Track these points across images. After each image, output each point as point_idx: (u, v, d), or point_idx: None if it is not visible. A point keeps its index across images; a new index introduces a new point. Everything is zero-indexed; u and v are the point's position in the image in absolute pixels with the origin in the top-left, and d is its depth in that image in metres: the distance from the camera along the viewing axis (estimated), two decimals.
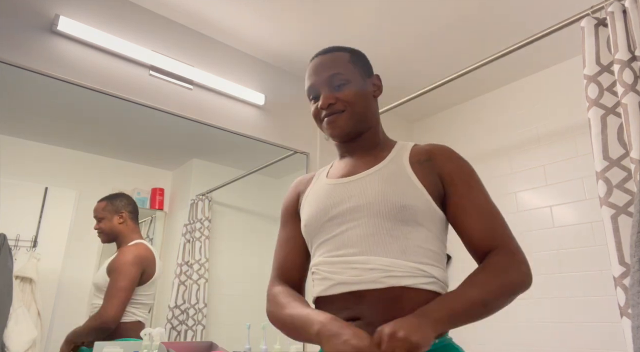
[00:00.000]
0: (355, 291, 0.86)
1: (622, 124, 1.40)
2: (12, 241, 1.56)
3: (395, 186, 0.91)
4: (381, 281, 0.85)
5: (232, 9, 2.14)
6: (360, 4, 2.09)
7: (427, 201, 0.91)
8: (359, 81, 1.03)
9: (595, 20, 1.55)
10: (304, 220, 1.01)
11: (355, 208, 0.92)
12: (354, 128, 1.00)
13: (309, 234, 1.00)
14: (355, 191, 0.95)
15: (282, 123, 2.53)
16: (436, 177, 0.94)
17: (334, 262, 0.91)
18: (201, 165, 2.17)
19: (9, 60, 1.68)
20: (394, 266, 0.86)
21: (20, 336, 1.47)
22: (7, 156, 1.62)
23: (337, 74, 1.00)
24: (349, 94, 0.99)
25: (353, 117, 0.99)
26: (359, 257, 0.88)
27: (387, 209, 0.89)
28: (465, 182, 0.93)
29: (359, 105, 1.00)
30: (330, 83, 1.00)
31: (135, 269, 1.73)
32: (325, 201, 0.97)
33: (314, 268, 0.96)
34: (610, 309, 2.01)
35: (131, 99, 1.97)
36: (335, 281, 0.89)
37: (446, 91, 2.77)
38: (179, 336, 1.89)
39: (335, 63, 1.02)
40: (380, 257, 0.87)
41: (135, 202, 1.84)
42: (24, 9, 1.77)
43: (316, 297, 0.95)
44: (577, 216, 2.26)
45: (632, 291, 0.95)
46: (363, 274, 0.86)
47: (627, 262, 1.28)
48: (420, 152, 0.99)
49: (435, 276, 0.87)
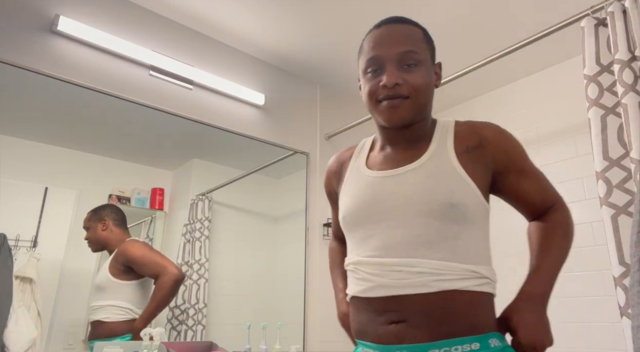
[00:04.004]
0: (399, 295, 0.81)
1: (622, 124, 1.40)
2: (12, 241, 1.56)
3: (443, 183, 0.84)
4: (430, 285, 0.79)
5: (232, 9, 2.14)
6: (361, 4, 2.09)
7: (477, 196, 0.85)
8: (429, 66, 0.92)
9: (595, 20, 1.55)
10: (341, 212, 0.95)
11: (398, 206, 0.85)
12: (412, 119, 0.90)
13: (346, 227, 0.94)
14: (398, 187, 0.87)
15: (282, 123, 2.53)
16: (486, 165, 0.88)
17: (374, 263, 0.85)
18: (201, 166, 2.17)
19: (9, 60, 1.68)
20: (445, 268, 0.80)
21: (20, 336, 1.47)
22: (7, 156, 1.62)
23: (410, 51, 0.88)
24: (418, 78, 0.87)
25: (415, 106, 0.88)
26: (404, 259, 0.82)
27: (435, 208, 0.82)
28: (519, 160, 0.92)
29: (424, 94, 0.89)
30: (400, 60, 0.87)
31: (148, 247, 1.86)
32: (365, 195, 0.90)
33: (351, 266, 0.91)
34: (610, 309, 2.01)
35: (131, 99, 1.96)
36: (376, 284, 0.83)
37: (446, 91, 2.76)
38: (179, 336, 1.89)
39: (410, 38, 0.90)
40: (429, 259, 0.81)
41: (120, 211, 1.84)
42: (24, 9, 1.77)
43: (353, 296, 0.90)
44: (577, 216, 2.25)
45: (632, 291, 0.96)
46: (409, 277, 0.80)
47: (627, 262, 1.28)
48: (467, 136, 0.90)
49: (487, 276, 0.83)
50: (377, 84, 0.88)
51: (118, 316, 1.70)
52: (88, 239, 1.75)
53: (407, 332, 0.79)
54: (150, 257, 1.79)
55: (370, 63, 0.90)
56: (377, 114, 0.91)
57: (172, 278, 1.74)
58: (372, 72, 0.90)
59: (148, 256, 1.79)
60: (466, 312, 0.79)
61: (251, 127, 2.37)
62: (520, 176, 0.91)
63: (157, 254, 1.83)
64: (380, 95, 0.88)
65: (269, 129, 2.45)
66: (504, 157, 0.89)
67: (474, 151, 0.88)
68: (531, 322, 0.82)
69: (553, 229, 0.92)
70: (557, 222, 0.92)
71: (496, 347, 0.80)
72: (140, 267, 1.76)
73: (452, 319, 0.79)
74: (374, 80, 0.90)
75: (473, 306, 0.80)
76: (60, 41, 1.84)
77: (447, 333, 0.78)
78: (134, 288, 1.76)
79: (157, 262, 1.77)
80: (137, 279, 1.77)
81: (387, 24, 0.92)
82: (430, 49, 0.94)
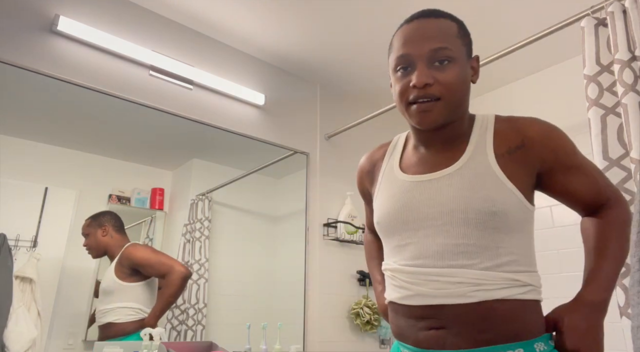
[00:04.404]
0: (438, 305, 0.79)
1: (622, 124, 1.40)
2: (12, 241, 1.56)
3: (482, 190, 0.79)
4: (470, 296, 0.77)
5: (232, 9, 2.14)
6: (361, 5, 2.09)
7: (519, 201, 0.80)
8: (464, 62, 0.85)
9: (595, 20, 1.55)
10: (376, 216, 0.92)
11: (434, 214, 0.82)
12: (445, 120, 0.84)
13: (382, 232, 0.92)
14: (434, 193, 0.83)
15: (282, 123, 2.53)
16: (531, 166, 0.83)
17: (412, 272, 0.82)
18: (201, 166, 2.17)
19: (9, 60, 1.68)
20: (485, 278, 0.77)
21: (20, 336, 1.47)
22: (7, 156, 1.62)
23: (442, 48, 0.82)
24: (451, 77, 0.82)
25: (448, 107, 0.83)
26: (442, 269, 0.79)
27: (474, 217, 0.79)
28: (567, 158, 0.85)
29: (458, 93, 0.83)
30: (431, 57, 0.82)
31: (151, 248, 1.89)
32: (400, 201, 0.87)
33: (389, 272, 0.89)
34: (610, 309, 2.01)
35: (131, 99, 1.96)
36: (414, 292, 0.81)
37: None
38: (179, 336, 1.89)
39: (442, 34, 0.84)
40: (468, 269, 0.78)
41: (118, 217, 1.85)
42: (24, 9, 1.77)
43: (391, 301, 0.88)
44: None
45: (632, 291, 0.95)
46: (448, 287, 0.78)
47: (627, 262, 1.28)
48: (508, 136, 0.84)
49: (531, 284, 0.80)
50: (407, 84, 0.83)
51: (128, 317, 1.72)
52: (88, 246, 1.75)
53: (447, 338, 0.79)
54: (156, 258, 1.82)
55: (399, 61, 0.85)
56: (409, 116, 0.86)
57: (181, 275, 1.79)
58: (402, 70, 0.85)
59: (154, 257, 1.82)
60: (509, 320, 0.77)
61: (251, 127, 2.37)
62: (568, 173, 0.85)
63: (161, 254, 1.87)
64: (410, 96, 0.83)
65: (269, 129, 2.45)
66: (551, 157, 0.83)
67: (516, 152, 0.83)
68: (582, 328, 0.79)
69: (609, 228, 0.87)
70: (613, 221, 0.87)
71: (542, 351, 0.77)
72: (147, 268, 1.79)
73: (494, 327, 0.76)
74: (404, 79, 0.84)
75: (516, 314, 0.77)
76: (60, 41, 1.84)
77: (488, 341, 0.76)
78: (141, 289, 1.78)
79: (163, 262, 1.81)
80: (143, 280, 1.79)
81: (418, 19, 0.86)
82: (466, 43, 0.88)
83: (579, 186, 0.86)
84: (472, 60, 0.90)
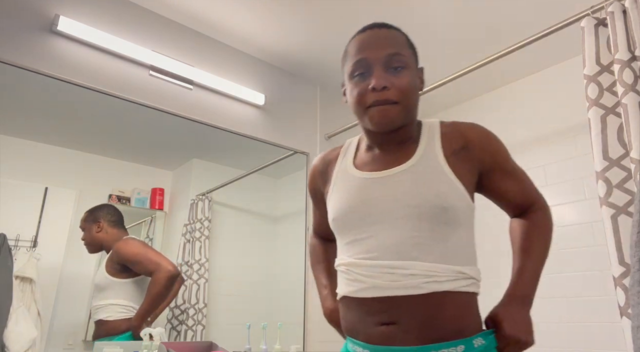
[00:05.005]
0: (390, 296, 0.82)
1: (622, 124, 1.40)
2: (12, 241, 1.56)
3: (434, 186, 0.86)
4: (421, 287, 0.81)
5: (232, 9, 2.14)
6: (360, 5, 2.09)
7: (465, 198, 0.87)
8: (414, 71, 0.92)
9: (595, 20, 1.55)
10: (331, 213, 0.95)
11: (390, 209, 0.86)
12: (401, 123, 0.90)
13: (337, 229, 0.95)
14: (390, 189, 0.88)
15: (282, 123, 2.53)
16: (472, 166, 0.91)
17: (367, 265, 0.86)
18: (201, 165, 2.17)
19: (9, 60, 1.68)
20: (437, 270, 0.82)
21: (20, 336, 1.47)
22: (7, 156, 1.62)
23: (397, 53, 0.88)
24: (405, 82, 0.87)
25: (404, 110, 0.88)
26: (396, 261, 0.83)
27: (426, 211, 0.84)
28: (503, 161, 0.95)
29: (412, 98, 0.90)
30: (387, 62, 0.88)
31: (143, 244, 1.84)
32: (356, 196, 0.91)
33: (343, 267, 0.91)
34: (610, 309, 2.01)
35: (131, 99, 1.96)
36: (369, 285, 0.84)
37: (446, 91, 2.76)
38: (179, 336, 1.89)
39: (396, 42, 0.90)
40: (421, 262, 0.82)
41: (117, 210, 1.83)
42: (24, 9, 1.77)
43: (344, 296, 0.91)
44: (577, 216, 2.25)
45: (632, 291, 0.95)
46: (402, 279, 0.82)
47: (627, 262, 1.28)
48: (453, 138, 0.92)
49: (473, 277, 0.86)
50: (366, 87, 0.87)
51: (119, 314, 1.71)
52: (84, 240, 1.74)
53: (397, 334, 0.82)
54: (145, 254, 1.77)
55: (357, 66, 0.90)
56: (367, 118, 0.89)
57: (166, 275, 1.73)
58: (360, 75, 0.89)
59: (142, 253, 1.78)
60: (454, 317, 0.82)
61: (251, 127, 2.37)
62: (503, 176, 0.94)
63: (151, 251, 1.82)
64: (369, 99, 0.87)
65: (269, 129, 2.45)
66: (489, 159, 0.92)
67: (461, 152, 0.90)
68: (517, 318, 0.87)
69: (533, 229, 0.97)
70: (537, 222, 0.97)
71: (480, 346, 0.83)
72: (134, 265, 1.76)
73: (441, 324, 0.81)
74: (362, 83, 0.89)
75: (460, 309, 0.83)
76: (60, 41, 1.84)
77: (435, 338, 0.81)
78: (132, 286, 1.76)
79: (150, 260, 1.76)
80: (134, 277, 1.77)
81: (372, 29, 0.93)
82: (414, 54, 0.95)
83: (511, 188, 0.96)
84: (419, 71, 0.98)
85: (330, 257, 1.10)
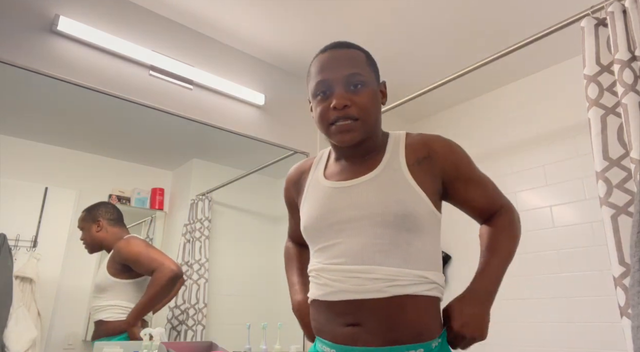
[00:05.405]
0: (356, 300, 0.86)
1: (622, 124, 1.40)
2: (12, 241, 1.56)
3: (396, 194, 0.90)
4: (384, 291, 0.85)
5: (232, 9, 2.14)
6: (360, 5, 2.09)
7: (427, 205, 0.91)
8: (374, 86, 0.97)
9: (595, 20, 1.55)
10: (303, 221, 1.00)
11: (355, 217, 0.91)
12: (363, 137, 0.94)
13: (307, 237, 1.00)
14: (355, 198, 0.92)
15: (282, 123, 2.53)
16: (436, 175, 0.95)
17: (335, 270, 0.90)
18: (201, 165, 2.17)
19: (9, 60, 1.68)
20: (398, 275, 0.86)
21: (20, 336, 1.47)
22: (7, 156, 1.62)
23: (356, 73, 0.93)
24: (365, 99, 0.93)
25: (365, 126, 0.93)
26: (361, 266, 0.87)
27: (389, 219, 0.88)
28: (466, 170, 0.98)
29: (372, 113, 0.94)
30: (347, 82, 0.93)
31: (146, 243, 1.82)
32: (325, 206, 0.96)
33: (314, 272, 0.96)
34: (610, 309, 2.01)
35: (131, 99, 1.96)
36: (336, 289, 0.89)
37: (446, 91, 2.76)
38: (179, 336, 1.89)
39: (354, 61, 0.95)
40: (384, 266, 0.86)
41: (115, 208, 1.81)
42: (24, 9, 1.77)
43: (314, 299, 0.96)
44: (577, 216, 2.25)
45: (632, 291, 0.95)
46: (366, 283, 0.86)
47: (627, 262, 1.28)
48: (417, 149, 0.96)
49: (436, 282, 0.89)
50: (328, 106, 0.92)
51: (119, 315, 1.70)
52: (83, 241, 1.73)
53: (361, 335, 0.86)
54: (147, 254, 1.75)
55: (318, 87, 0.95)
56: (331, 135, 0.95)
57: (169, 274, 1.70)
58: (322, 95, 0.94)
59: (145, 253, 1.75)
60: (415, 320, 0.86)
61: (251, 127, 2.37)
62: (467, 184, 0.98)
63: (154, 250, 1.80)
64: (331, 117, 0.92)
65: (269, 129, 2.45)
66: (451, 168, 0.96)
67: (424, 162, 0.94)
68: (468, 313, 0.90)
69: (500, 230, 1.00)
70: (503, 225, 1.01)
71: (436, 347, 0.87)
72: (136, 265, 1.74)
73: (402, 327, 0.85)
74: (324, 103, 0.94)
75: (421, 313, 0.86)
76: (60, 41, 1.84)
77: (396, 340, 0.84)
78: (133, 287, 1.75)
79: (153, 259, 1.73)
80: (136, 278, 1.76)
81: (332, 49, 0.97)
82: (374, 70, 1.00)
83: (476, 196, 1.00)
84: (381, 85, 1.02)
85: (303, 259, 1.14)
